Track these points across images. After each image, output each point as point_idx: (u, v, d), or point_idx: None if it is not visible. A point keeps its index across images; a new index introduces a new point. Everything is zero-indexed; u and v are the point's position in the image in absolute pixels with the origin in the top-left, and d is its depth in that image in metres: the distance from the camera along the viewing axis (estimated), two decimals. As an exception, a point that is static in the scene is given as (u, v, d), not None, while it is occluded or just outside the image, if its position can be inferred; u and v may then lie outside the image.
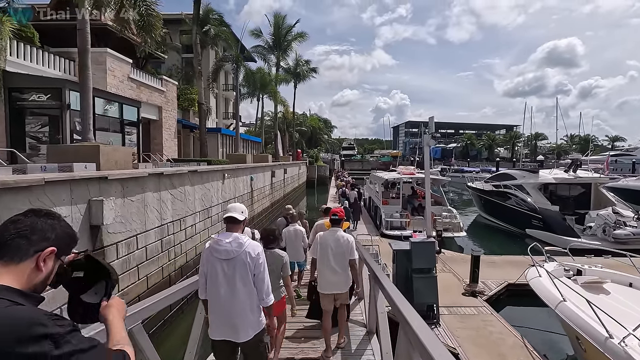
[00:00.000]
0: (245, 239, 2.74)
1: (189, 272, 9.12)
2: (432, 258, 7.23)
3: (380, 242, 14.15)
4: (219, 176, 11.59)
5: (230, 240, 2.68)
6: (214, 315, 2.73)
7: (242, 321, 2.67)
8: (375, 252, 10.59)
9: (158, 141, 23.26)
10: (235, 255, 2.65)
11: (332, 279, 4.14)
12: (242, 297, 2.67)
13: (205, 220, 10.41)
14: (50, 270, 1.03)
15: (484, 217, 22.16)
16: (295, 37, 29.08)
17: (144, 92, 20.81)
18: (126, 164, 7.26)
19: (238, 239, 2.69)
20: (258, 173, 17.78)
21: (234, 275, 2.66)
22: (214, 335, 2.75)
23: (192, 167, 9.70)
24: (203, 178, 10.17)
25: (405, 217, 16.18)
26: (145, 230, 7.04)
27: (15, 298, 0.89)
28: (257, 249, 2.75)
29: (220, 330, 2.71)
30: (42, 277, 1.00)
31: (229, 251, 2.66)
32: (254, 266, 2.69)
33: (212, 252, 2.72)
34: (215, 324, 2.73)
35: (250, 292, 2.70)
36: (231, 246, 2.66)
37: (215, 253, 2.71)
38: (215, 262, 2.70)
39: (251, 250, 2.70)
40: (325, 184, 46.12)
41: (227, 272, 2.66)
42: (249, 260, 2.67)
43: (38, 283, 1.00)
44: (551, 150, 79.13)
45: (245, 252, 2.67)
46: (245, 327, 2.68)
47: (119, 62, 18.07)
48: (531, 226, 16.73)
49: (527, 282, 7.88)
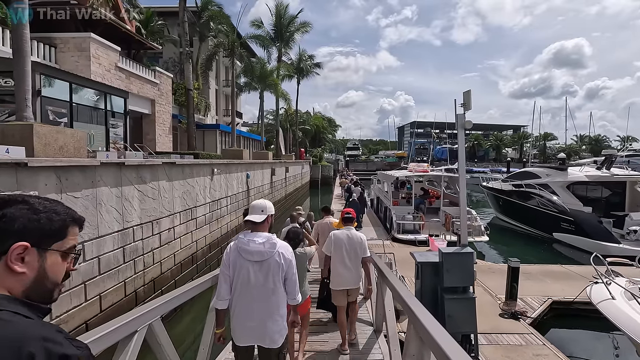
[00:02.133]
0: (277, 239, 2.63)
1: (165, 286, 7.53)
2: (470, 274, 5.56)
3: (393, 248, 12.48)
4: (206, 171, 9.99)
5: (263, 240, 2.54)
6: (241, 319, 2.56)
7: (272, 326, 2.56)
8: (389, 260, 8.92)
9: (151, 137, 21.75)
10: (269, 256, 2.54)
11: (345, 275, 4.26)
12: (274, 300, 2.57)
13: (188, 223, 8.81)
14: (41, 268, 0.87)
15: (502, 219, 20.37)
16: (298, 28, 27.41)
17: (135, 84, 19.31)
18: (78, 151, 5.67)
19: (271, 239, 2.57)
20: (256, 170, 16.19)
21: (267, 278, 2.54)
22: (241, 341, 2.59)
23: (169, 159, 8.12)
24: (185, 172, 8.58)
25: (419, 219, 14.46)
26: (97, 237, 5.43)
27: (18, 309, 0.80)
28: (289, 250, 2.67)
29: (249, 335, 2.57)
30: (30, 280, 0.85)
31: (263, 252, 2.53)
32: (287, 267, 2.60)
33: (242, 254, 2.55)
34: (244, 328, 2.56)
35: (280, 295, 2.60)
36: (264, 247, 2.54)
37: (245, 254, 2.54)
38: (245, 264, 2.54)
39: (284, 251, 2.61)
40: (330, 184, 44.54)
41: (259, 275, 2.53)
42: (282, 262, 2.56)
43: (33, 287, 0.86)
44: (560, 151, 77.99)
45: (279, 253, 2.56)
46: (273, 333, 2.56)
47: (104, 49, 16.58)
48: (560, 230, 14.97)
49: (585, 301, 6.24)
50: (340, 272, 4.27)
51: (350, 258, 4.26)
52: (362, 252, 4.30)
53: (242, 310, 2.55)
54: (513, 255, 14.94)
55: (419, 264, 5.91)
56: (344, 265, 4.25)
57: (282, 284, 2.60)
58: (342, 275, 4.26)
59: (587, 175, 14.83)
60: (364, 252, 4.31)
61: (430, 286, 5.81)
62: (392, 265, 8.56)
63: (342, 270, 4.25)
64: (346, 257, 4.24)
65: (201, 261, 9.57)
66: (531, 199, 17.12)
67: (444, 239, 12.55)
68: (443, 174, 16.55)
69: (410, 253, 6.37)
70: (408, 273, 9.66)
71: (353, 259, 4.27)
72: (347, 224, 4.46)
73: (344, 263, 4.25)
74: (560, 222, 14.94)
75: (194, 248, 9.13)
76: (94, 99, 14.03)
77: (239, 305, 2.56)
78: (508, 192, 19.27)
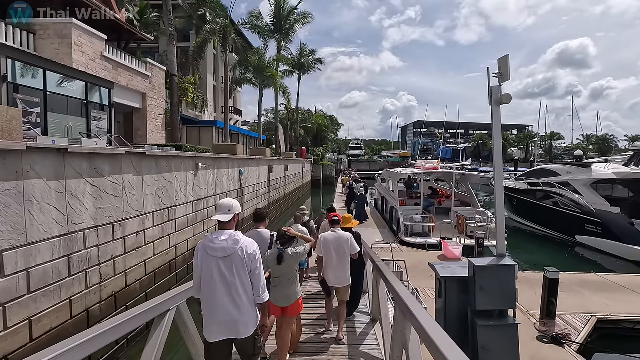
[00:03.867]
0: (241, 235, 2.70)
1: (132, 300, 6.29)
2: (511, 294, 4.26)
3: (402, 253, 11.19)
4: (189, 165, 8.74)
5: (225, 237, 2.63)
6: (211, 315, 2.63)
7: (243, 317, 2.63)
8: (399, 268, 7.63)
9: (142, 133, 20.53)
10: (232, 252, 2.61)
11: (332, 276, 4.56)
12: (241, 293, 2.63)
13: (165, 225, 7.56)
14: None
15: (515, 221, 18.97)
16: (298, 19, 26.07)
17: (123, 75, 18.11)
18: (8, 134, 4.43)
19: (234, 236, 2.65)
20: (251, 167, 14.93)
21: (231, 273, 2.62)
22: (211, 337, 2.64)
23: (137, 149, 6.87)
24: (160, 166, 7.34)
25: (429, 220, 13.15)
26: (25, 244, 4.18)
27: None
28: (253, 245, 2.72)
29: (218, 331, 2.63)
30: None
31: (226, 248, 2.61)
32: (251, 262, 2.67)
33: (207, 251, 2.63)
34: (212, 324, 2.63)
35: (248, 288, 2.68)
36: (227, 243, 2.61)
37: (210, 251, 2.62)
38: (211, 261, 2.62)
39: (247, 246, 2.67)
40: (332, 184, 43.26)
41: (223, 270, 2.61)
42: (246, 257, 2.64)
43: None
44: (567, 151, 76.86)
45: (242, 249, 2.64)
46: (245, 323, 2.65)
47: (89, 37, 15.40)
48: (584, 232, 13.62)
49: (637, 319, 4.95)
50: (328, 272, 4.61)
51: (339, 258, 4.55)
52: (351, 250, 4.60)
53: (211, 305, 2.63)
54: (531, 261, 13.69)
55: (442, 280, 4.62)
56: (331, 266, 4.55)
57: (248, 279, 2.68)
58: (330, 276, 4.60)
59: (615, 172, 13.45)
60: (353, 249, 4.62)
61: (456, 308, 4.53)
62: (404, 276, 7.27)
63: (329, 271, 4.59)
64: (335, 257, 4.53)
65: (182, 269, 8.32)
66: (550, 198, 15.77)
67: (458, 243, 11.24)
68: (455, 171, 15.21)
69: (430, 265, 5.08)
70: (421, 283, 8.37)
71: (342, 259, 4.56)
72: (334, 226, 4.75)
73: (332, 264, 4.55)
74: (584, 223, 13.59)
75: (172, 254, 7.88)
76: (73, 89, 12.83)
77: (207, 300, 2.64)
78: (523, 191, 17.92)
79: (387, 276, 3.85)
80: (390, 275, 3.89)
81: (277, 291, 3.59)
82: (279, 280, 3.61)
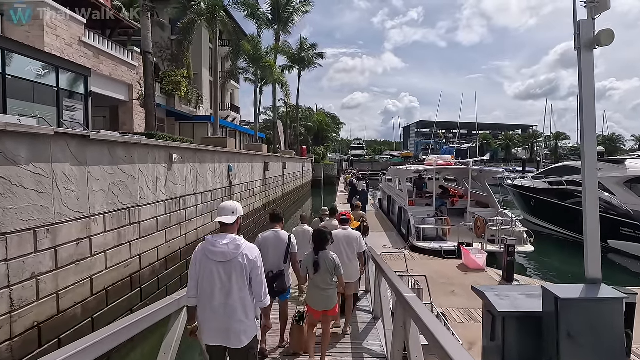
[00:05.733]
0: (242, 240, 2.62)
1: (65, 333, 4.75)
2: (618, 341, 2.70)
3: (414, 261, 9.62)
4: (160, 157, 7.19)
5: (227, 242, 2.56)
6: (208, 319, 2.58)
7: (236, 326, 2.56)
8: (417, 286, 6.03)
9: (128, 127, 19.02)
10: (232, 257, 2.54)
11: (344, 269, 4.24)
12: (237, 301, 2.56)
13: (123, 230, 6.00)
14: None
15: (532, 222, 17.32)
16: (298, 7, 24.45)
17: (106, 64, 16.60)
18: None
19: (235, 241, 2.58)
20: (244, 163, 13.38)
21: (230, 279, 2.55)
22: (208, 340, 2.62)
23: (78, 131, 5.32)
24: (117, 155, 5.79)
25: (444, 222, 11.57)
26: None
27: None
28: (255, 251, 2.65)
29: (214, 335, 2.58)
30: None
31: (226, 253, 2.54)
32: (251, 269, 2.59)
33: (207, 254, 2.57)
34: (209, 328, 2.59)
35: (245, 296, 2.59)
36: (228, 248, 2.55)
37: (210, 255, 2.56)
38: (209, 265, 2.56)
39: (248, 252, 2.60)
40: (333, 184, 41.70)
41: (222, 275, 2.55)
42: (246, 263, 2.57)
43: None
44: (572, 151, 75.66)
45: (243, 255, 2.57)
46: (237, 333, 2.56)
47: (64, 19, 13.91)
48: (619, 236, 12.02)
49: None
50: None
51: (348, 254, 4.72)
52: (358, 248, 4.79)
53: (206, 310, 2.58)
54: (558, 269, 12.07)
55: (499, 316, 3.06)
56: (342, 260, 4.34)
57: (247, 285, 2.59)
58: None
59: (654, 168, 11.88)
60: (360, 248, 4.80)
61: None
62: (424, 295, 5.70)
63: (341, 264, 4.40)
64: (344, 253, 4.66)
65: (150, 283, 6.78)
66: (574, 197, 14.18)
67: (480, 250, 9.64)
68: (471, 167, 13.62)
69: (476, 289, 3.50)
70: (441, 300, 6.81)
71: (350, 255, 4.74)
72: (344, 225, 4.93)
73: (342, 258, 4.43)
74: (619, 226, 12.00)
75: (134, 266, 6.33)
76: (39, 73, 11.33)
77: (204, 305, 2.59)
78: (543, 190, 16.35)
79: (388, 275, 3.96)
80: (391, 273, 4.04)
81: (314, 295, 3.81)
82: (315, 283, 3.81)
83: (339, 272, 3.84)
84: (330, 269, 3.76)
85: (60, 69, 12.25)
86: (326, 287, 3.76)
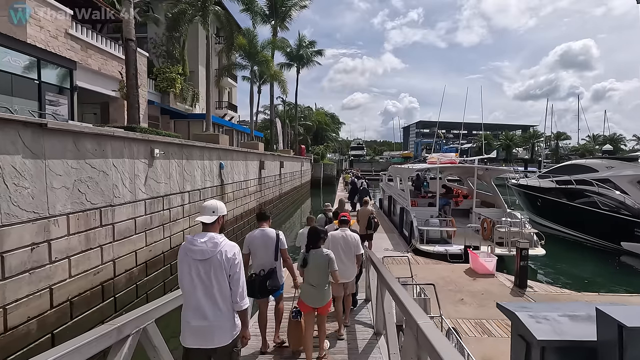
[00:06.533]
0: (221, 238, 2.57)
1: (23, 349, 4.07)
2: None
3: (417, 265, 8.95)
4: (139, 151, 6.53)
5: (205, 240, 2.53)
6: (188, 319, 2.52)
7: (218, 325, 2.51)
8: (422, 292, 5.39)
9: (120, 124, 18.38)
10: (211, 255, 2.51)
11: (341, 270, 4.41)
12: (218, 299, 2.52)
13: (92, 232, 5.33)
14: None
15: (538, 223, 16.66)
16: (295, 2, 23.75)
17: (95, 58, 15.93)
18: None
19: (213, 239, 2.54)
20: (237, 161, 12.72)
21: (209, 277, 2.52)
22: (187, 342, 2.53)
23: (32, 118, 4.66)
24: (83, 148, 5.13)
25: (449, 224, 10.91)
26: None
27: None
28: (234, 249, 2.59)
29: (194, 337, 2.51)
30: None
31: (204, 251, 2.51)
32: (230, 267, 2.54)
33: (187, 253, 2.54)
34: (188, 329, 2.51)
35: (226, 294, 2.56)
36: (206, 246, 2.51)
37: (190, 253, 2.53)
38: (190, 263, 2.52)
39: (227, 250, 2.55)
40: (333, 184, 41.06)
41: (202, 273, 2.51)
42: (224, 260, 2.52)
43: None
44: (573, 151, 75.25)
45: (221, 252, 2.52)
46: (221, 332, 2.52)
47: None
48: (634, 238, 11.37)
49: None
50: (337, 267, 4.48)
51: (346, 254, 4.76)
52: (356, 250, 4.81)
53: (188, 308, 2.55)
54: (568, 273, 11.39)
55: (537, 346, 2.39)
56: (340, 260, 4.53)
57: (227, 283, 2.56)
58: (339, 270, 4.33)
59: (672, 166, 11.23)
60: (357, 250, 4.81)
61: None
62: (431, 306, 5.04)
63: (339, 265, 4.32)
64: (342, 254, 4.71)
65: (127, 290, 6.10)
66: (584, 197, 13.54)
67: (489, 253, 8.97)
68: (477, 165, 12.96)
69: (501, 307, 2.81)
70: (449, 310, 6.15)
71: (348, 256, 4.78)
72: (343, 226, 4.92)
73: (340, 259, 4.57)
74: (634, 227, 11.35)
75: (107, 273, 5.66)
76: (18, 65, 10.68)
77: (186, 303, 2.57)
78: (550, 189, 15.69)
79: (393, 287, 3.52)
80: (396, 284, 3.65)
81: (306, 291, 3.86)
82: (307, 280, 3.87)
83: (333, 267, 3.89)
84: (322, 266, 3.84)
85: (42, 61, 11.60)
86: (317, 284, 3.82)
